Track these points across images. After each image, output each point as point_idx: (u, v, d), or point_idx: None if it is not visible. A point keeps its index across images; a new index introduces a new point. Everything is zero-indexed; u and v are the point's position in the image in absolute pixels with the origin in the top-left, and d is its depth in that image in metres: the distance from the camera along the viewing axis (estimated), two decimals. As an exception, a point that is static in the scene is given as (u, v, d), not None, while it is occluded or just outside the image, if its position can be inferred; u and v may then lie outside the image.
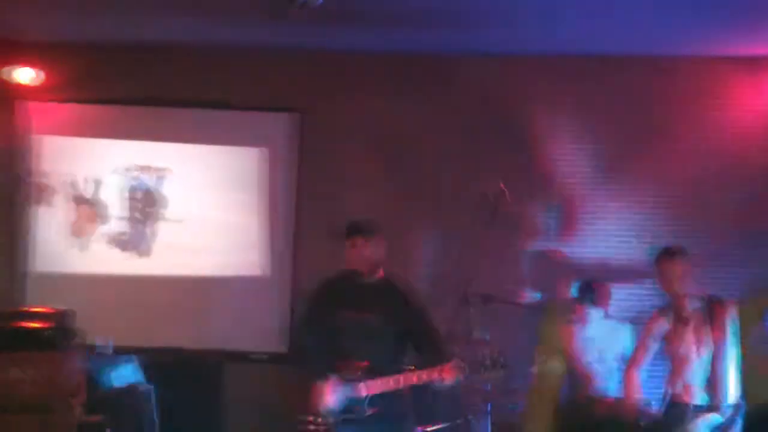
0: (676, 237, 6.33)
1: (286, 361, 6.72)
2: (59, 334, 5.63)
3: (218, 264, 6.96)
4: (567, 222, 6.81)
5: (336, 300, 5.04)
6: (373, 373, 4.83)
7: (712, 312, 4.91)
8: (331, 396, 4.82)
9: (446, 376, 4.77)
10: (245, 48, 6.86)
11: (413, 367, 4.92)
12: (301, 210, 6.95)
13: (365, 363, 4.86)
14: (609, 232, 6.80)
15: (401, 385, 4.82)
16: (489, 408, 5.94)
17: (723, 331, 4.86)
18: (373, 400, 4.82)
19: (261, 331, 6.90)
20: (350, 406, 4.82)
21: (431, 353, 4.94)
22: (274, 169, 6.99)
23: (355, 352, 4.90)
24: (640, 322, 6.13)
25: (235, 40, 6.72)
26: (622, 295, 6.40)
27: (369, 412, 4.81)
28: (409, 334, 5.02)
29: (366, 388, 4.81)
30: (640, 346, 5.15)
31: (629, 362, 5.24)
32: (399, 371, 4.88)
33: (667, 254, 5.03)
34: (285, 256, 6.95)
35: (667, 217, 6.73)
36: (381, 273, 5.11)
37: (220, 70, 6.97)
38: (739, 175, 6.69)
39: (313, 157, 6.94)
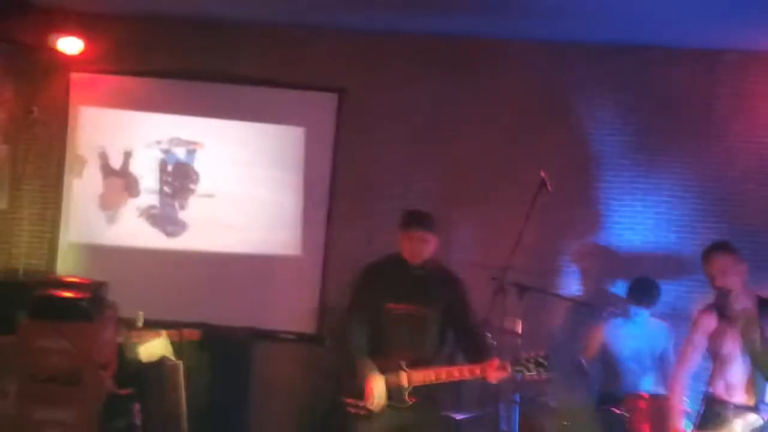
0: (724, 233, 6.32)
1: (315, 342, 6.76)
2: (94, 305, 5.56)
3: (249, 241, 6.92)
4: (610, 214, 6.73)
5: (383, 288, 4.99)
6: (416, 363, 4.83)
7: (762, 311, 4.80)
8: (375, 383, 4.79)
9: (488, 375, 4.75)
10: (285, 25, 6.81)
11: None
12: (336, 191, 6.90)
13: (409, 354, 4.84)
14: (654, 226, 6.71)
15: (443, 379, 4.82)
16: (518, 398, 5.91)
17: (770, 333, 4.78)
18: (414, 390, 4.80)
19: (290, 311, 6.89)
20: (391, 394, 4.82)
21: (474, 348, 4.93)
22: (311, 149, 6.93)
23: (400, 341, 4.89)
24: (679, 320, 6.17)
25: (276, 17, 6.67)
26: (665, 291, 6.27)
27: (410, 402, 4.81)
28: (454, 326, 4.99)
29: (408, 379, 4.81)
30: (688, 344, 5.01)
31: (678, 361, 5.13)
32: (441, 362, 4.89)
33: (718, 248, 4.92)
34: (317, 236, 6.90)
35: (712, 213, 6.64)
36: (430, 264, 5.06)
37: (259, 46, 6.93)
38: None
39: (351, 138, 6.88)
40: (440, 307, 4.95)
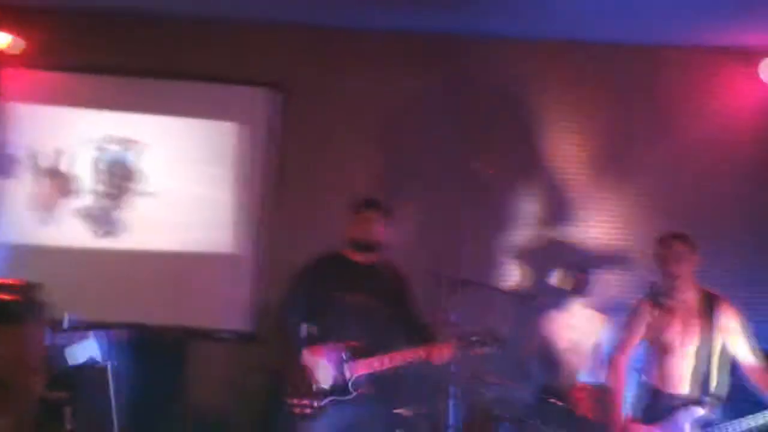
0: (669, 227, 6.25)
1: (252, 340, 6.68)
2: (26, 307, 5.42)
3: (188, 240, 6.82)
4: (555, 209, 6.77)
5: (327, 280, 4.97)
6: (362, 354, 4.80)
7: (703, 305, 4.86)
8: (319, 376, 4.73)
9: (433, 356, 4.72)
10: (227, 20, 6.70)
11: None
12: (274, 187, 6.81)
13: (353, 343, 4.80)
14: (598, 221, 6.77)
15: (387, 365, 4.80)
16: (462, 392, 5.89)
17: (711, 325, 4.81)
18: (359, 381, 4.75)
19: (228, 310, 6.79)
20: (336, 387, 4.78)
21: (419, 338, 4.90)
22: (252, 145, 6.84)
23: (346, 333, 4.85)
24: (617, 312, 6.20)
25: (217, 11, 6.56)
26: (603, 282, 6.38)
27: (354, 393, 4.76)
28: (400, 317, 4.96)
29: (352, 369, 4.76)
30: (627, 331, 5.04)
31: (617, 348, 5.13)
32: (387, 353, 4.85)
33: (677, 236, 4.98)
34: (256, 234, 6.82)
35: (660, 207, 6.69)
36: (376, 256, 5.05)
37: (200, 41, 6.81)
38: (734, 165, 6.70)
39: (294, 134, 6.80)
40: (385, 297, 4.94)
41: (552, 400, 5.70)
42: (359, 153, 6.78)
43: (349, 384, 4.77)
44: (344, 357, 4.79)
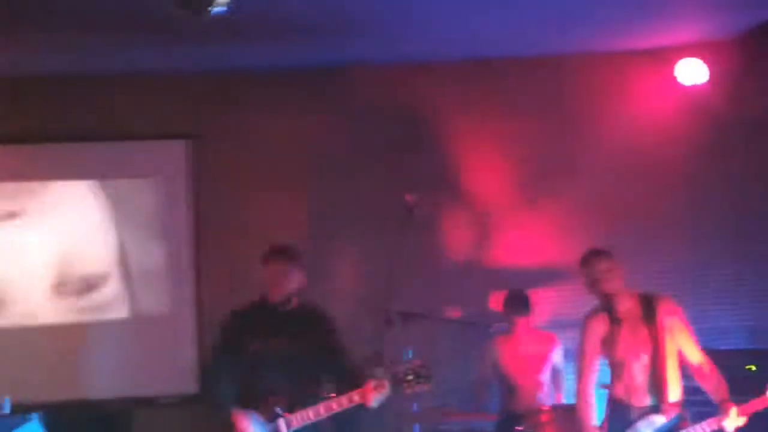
0: (596, 235, 6.32)
1: (198, 402, 6.43)
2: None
3: (116, 306, 6.60)
4: (486, 231, 6.71)
5: (248, 331, 4.87)
6: (291, 406, 4.71)
7: (645, 309, 4.80)
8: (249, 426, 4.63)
9: (368, 398, 4.64)
10: (129, 74, 6.50)
11: (333, 395, 4.79)
12: (201, 241, 6.63)
13: (283, 398, 4.71)
14: (527, 236, 6.71)
15: (322, 415, 4.72)
16: (417, 430, 5.76)
17: (657, 327, 4.74)
18: None
19: (169, 373, 6.58)
20: None
21: (348, 378, 4.80)
22: (168, 200, 6.66)
23: (271, 385, 4.75)
24: (563, 327, 6.17)
25: (118, 66, 6.36)
26: (546, 300, 6.33)
27: None
28: (325, 361, 4.87)
29: (286, 425, 4.69)
30: (583, 356, 4.91)
31: (579, 376, 4.97)
32: (318, 401, 4.76)
33: (597, 253, 4.89)
34: (187, 290, 6.63)
35: (585, 216, 6.66)
36: (295, 301, 4.94)
37: (101, 98, 6.58)
38: (650, 166, 6.71)
39: (212, 184, 6.66)
40: (310, 344, 4.83)
41: (517, 428, 5.58)
42: (281, 195, 6.64)
43: None
44: (278, 411, 4.69)
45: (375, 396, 4.65)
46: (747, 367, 5.89)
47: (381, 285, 5.71)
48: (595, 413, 4.92)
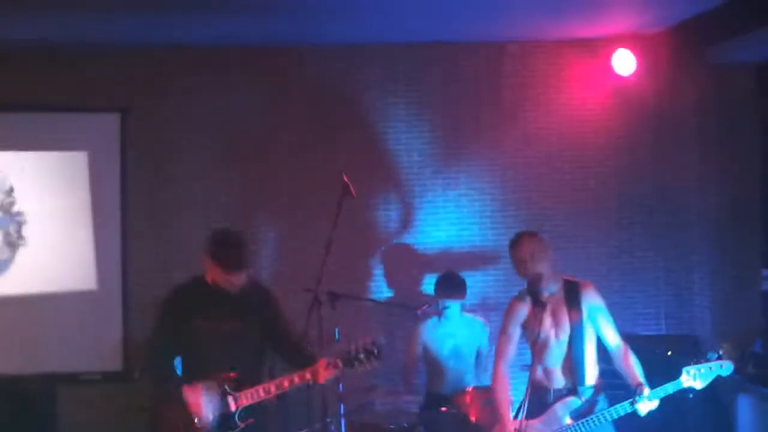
0: (524, 220, 6.49)
1: (123, 379, 6.37)
2: None
3: (39, 280, 6.46)
4: (413, 213, 6.74)
5: (191, 309, 4.72)
6: (241, 383, 4.63)
7: (568, 294, 4.87)
8: (201, 413, 4.55)
9: (319, 377, 4.61)
10: (60, 45, 6.34)
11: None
12: (130, 215, 6.54)
13: (232, 375, 4.62)
14: (456, 220, 6.77)
15: (273, 393, 4.66)
16: (342, 409, 5.78)
17: (579, 312, 4.83)
18: (244, 412, 4.61)
19: (93, 350, 6.50)
20: (222, 422, 4.60)
21: (299, 358, 4.76)
22: (97, 174, 6.55)
23: (218, 363, 4.65)
24: (491, 310, 6.26)
25: (50, 36, 6.18)
26: (473, 283, 6.34)
27: (241, 425, 4.62)
28: (273, 340, 4.81)
29: (236, 401, 4.61)
30: (503, 336, 5.01)
31: (496, 356, 5.07)
32: (266, 379, 4.72)
33: (519, 237, 4.96)
34: (114, 265, 6.53)
35: (514, 201, 6.76)
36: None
37: (31, 70, 6.43)
38: (584, 155, 6.81)
39: (142, 158, 6.58)
40: (255, 321, 4.75)
41: (441, 408, 5.62)
42: (213, 171, 6.61)
43: (236, 416, 4.60)
44: (227, 389, 4.61)
45: (328, 374, 4.64)
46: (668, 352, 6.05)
47: (311, 264, 5.71)
48: (509, 393, 5.01)
